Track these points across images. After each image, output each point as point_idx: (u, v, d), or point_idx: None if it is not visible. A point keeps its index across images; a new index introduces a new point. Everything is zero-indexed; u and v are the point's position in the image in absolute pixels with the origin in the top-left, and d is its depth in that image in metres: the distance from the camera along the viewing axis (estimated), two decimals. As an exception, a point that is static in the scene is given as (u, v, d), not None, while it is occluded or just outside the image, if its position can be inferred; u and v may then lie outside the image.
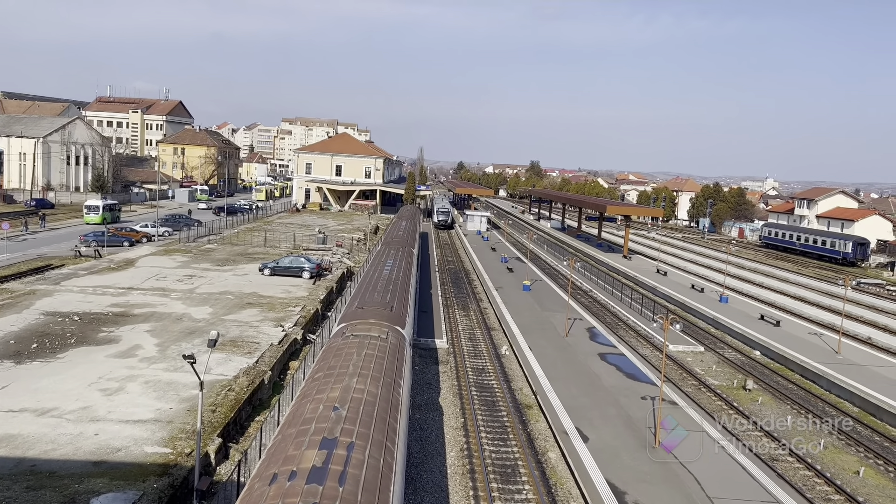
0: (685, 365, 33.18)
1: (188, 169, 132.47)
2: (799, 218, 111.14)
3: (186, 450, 18.98)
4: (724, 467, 20.28)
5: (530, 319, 38.58)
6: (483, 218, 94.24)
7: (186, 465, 18.21)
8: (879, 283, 68.85)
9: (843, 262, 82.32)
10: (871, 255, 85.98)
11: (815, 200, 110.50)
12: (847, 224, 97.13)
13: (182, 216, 75.07)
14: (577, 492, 19.42)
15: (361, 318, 21.01)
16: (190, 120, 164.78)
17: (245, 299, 38.73)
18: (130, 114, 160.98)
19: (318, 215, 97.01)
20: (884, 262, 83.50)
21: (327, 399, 13.47)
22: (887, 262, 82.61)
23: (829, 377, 30.97)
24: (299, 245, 61.33)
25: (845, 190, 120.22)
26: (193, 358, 16.73)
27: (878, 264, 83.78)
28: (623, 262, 68.11)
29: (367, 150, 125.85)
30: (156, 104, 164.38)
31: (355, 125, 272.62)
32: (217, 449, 19.64)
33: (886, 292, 61.78)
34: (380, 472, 11.09)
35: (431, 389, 27.53)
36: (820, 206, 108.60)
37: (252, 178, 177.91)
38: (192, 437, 19.36)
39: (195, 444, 18.40)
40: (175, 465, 18.19)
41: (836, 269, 77.18)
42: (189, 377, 21.65)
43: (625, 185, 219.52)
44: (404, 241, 44.71)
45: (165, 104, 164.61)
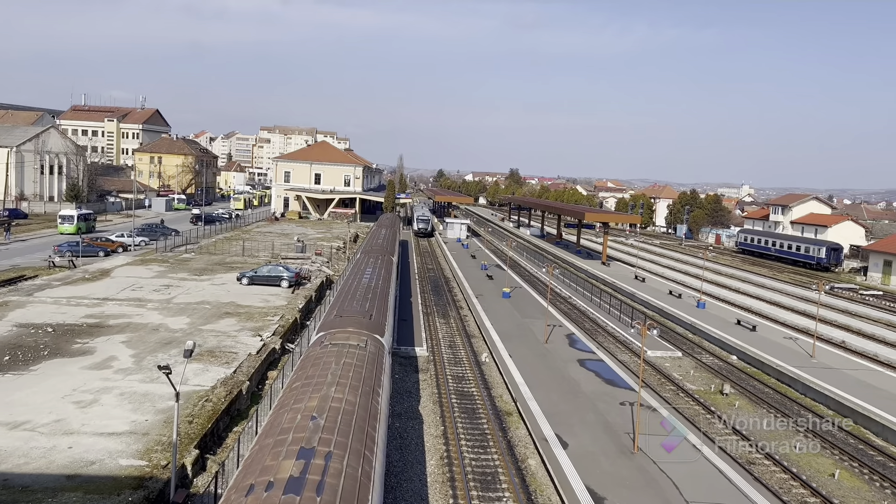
0: (663, 370, 33.43)
1: (165, 178, 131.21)
2: (774, 224, 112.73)
3: (162, 462, 18.72)
4: (701, 471, 20.45)
5: (510, 326, 38.67)
6: (463, 226, 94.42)
7: (162, 477, 17.96)
8: (852, 287, 70.00)
9: (817, 267, 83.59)
10: (845, 260, 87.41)
11: (789, 207, 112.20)
12: (821, 230, 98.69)
13: (158, 225, 74.30)
14: (556, 498, 19.46)
15: (340, 326, 20.93)
16: (167, 128, 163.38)
17: (223, 309, 38.38)
18: (106, 122, 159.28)
19: (297, 224, 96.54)
20: (856, 267, 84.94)
21: (305, 408, 13.40)
22: (860, 266, 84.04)
23: (805, 381, 31.39)
24: (278, 254, 60.96)
25: (819, 196, 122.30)
26: (169, 368, 16.54)
27: (851, 269, 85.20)
28: (602, 268, 68.56)
29: (347, 158, 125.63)
30: (132, 113, 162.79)
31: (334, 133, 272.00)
32: (194, 461, 19.39)
33: (859, 297, 62.81)
34: (358, 481, 11.05)
35: (411, 397, 27.45)
36: (794, 213, 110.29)
37: (230, 186, 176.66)
38: (169, 449, 19.10)
39: (171, 456, 18.15)
40: (150, 478, 17.93)
41: (810, 275, 78.35)
42: (165, 388, 21.39)
43: (603, 193, 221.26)
44: (384, 250, 44.64)
45: (142, 112, 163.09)
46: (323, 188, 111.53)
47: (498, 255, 75.44)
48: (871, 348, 39.50)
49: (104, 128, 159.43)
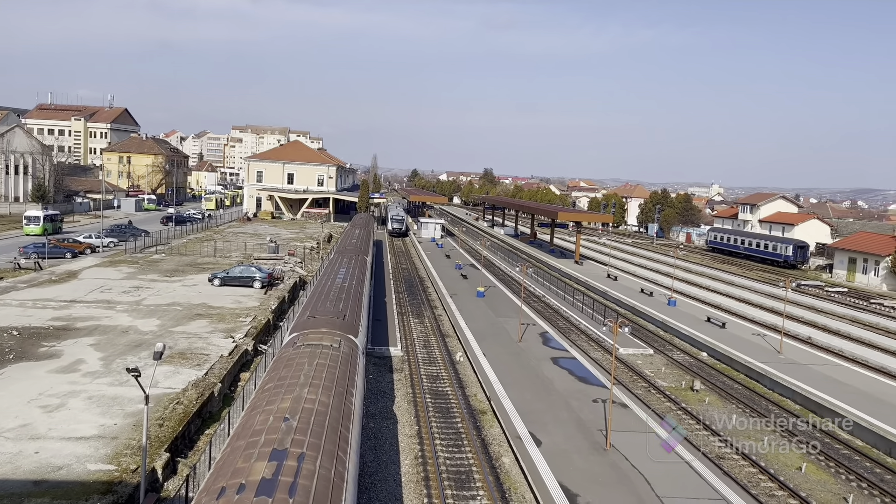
0: (635, 367, 33.82)
1: (135, 178, 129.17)
2: (743, 223, 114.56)
3: (132, 466, 18.45)
4: (672, 467, 20.74)
5: (484, 325, 38.81)
6: (437, 225, 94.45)
7: (132, 482, 17.70)
8: (818, 284, 71.49)
9: (784, 264, 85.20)
10: (811, 258, 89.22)
11: (757, 205, 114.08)
12: (788, 228, 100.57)
13: (127, 226, 73.13)
14: (530, 496, 19.57)
15: (313, 327, 20.81)
16: (136, 128, 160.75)
17: (194, 310, 37.93)
18: (73, 121, 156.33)
19: (269, 224, 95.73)
20: (822, 265, 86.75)
21: (278, 410, 13.30)
22: (825, 264, 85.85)
23: (772, 376, 31.98)
24: (250, 254, 60.41)
25: (786, 195, 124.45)
26: (138, 371, 16.31)
27: (817, 266, 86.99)
28: (575, 267, 69.11)
29: (320, 157, 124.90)
30: (100, 112, 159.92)
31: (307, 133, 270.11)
32: (164, 464, 19.14)
33: (825, 293, 64.17)
34: (331, 482, 11.00)
35: (386, 398, 27.41)
36: (762, 211, 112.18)
37: (202, 186, 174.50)
38: (138, 453, 18.82)
39: (141, 459, 17.90)
40: (120, 483, 17.66)
41: (777, 272, 79.82)
42: (135, 391, 21.07)
43: (576, 192, 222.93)
44: (358, 250, 44.48)
45: (110, 112, 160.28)
46: (296, 188, 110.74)
47: (472, 254, 75.62)
48: (836, 344, 40.38)
49: (71, 127, 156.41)
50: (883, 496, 20.90)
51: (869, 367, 35.32)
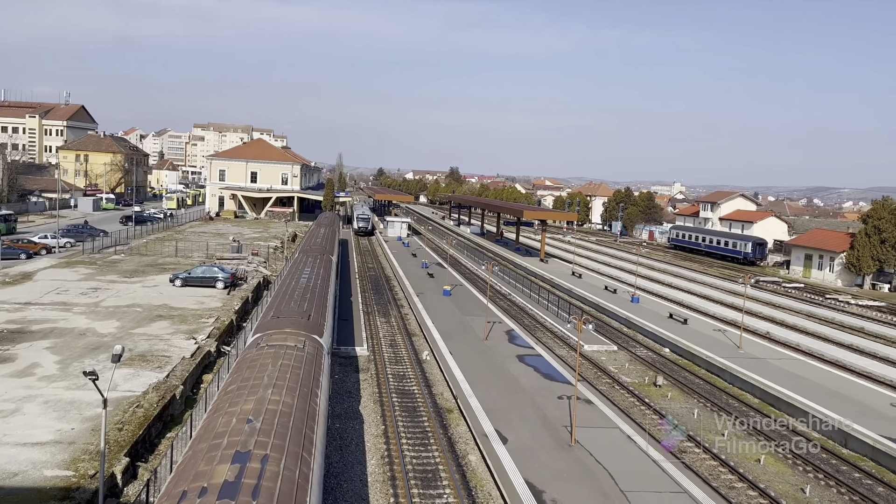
0: (600, 364, 34.22)
1: (92, 177, 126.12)
2: (704, 220, 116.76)
3: (90, 471, 18.03)
4: (636, 461, 21.05)
5: (451, 324, 38.86)
6: (404, 224, 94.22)
7: (90, 487, 17.30)
8: (776, 280, 73.28)
9: (743, 261, 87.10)
10: (769, 255, 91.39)
11: (717, 203, 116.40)
12: (747, 225, 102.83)
13: (84, 226, 71.38)
14: (497, 493, 19.67)
15: (277, 327, 20.60)
16: (93, 125, 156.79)
17: (155, 312, 37.21)
18: (27, 119, 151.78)
19: (232, 223, 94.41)
20: (780, 261, 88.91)
21: (241, 412, 13.13)
22: (783, 260, 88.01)
23: (732, 371, 32.66)
24: (213, 254, 59.48)
25: (745, 193, 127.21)
26: (96, 374, 15.91)
27: (775, 263, 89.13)
28: (540, 265, 69.62)
29: (284, 156, 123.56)
30: (55, 109, 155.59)
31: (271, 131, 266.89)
32: (124, 469, 18.75)
33: (783, 289, 65.79)
34: (295, 483, 10.90)
35: (352, 398, 27.26)
36: (722, 209, 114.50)
37: (162, 185, 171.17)
38: (97, 458, 18.39)
39: (99, 464, 17.49)
40: (78, 489, 17.25)
41: (737, 269, 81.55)
42: (93, 395, 20.58)
43: (541, 191, 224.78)
44: (323, 249, 44.14)
45: (66, 109, 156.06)
46: (259, 187, 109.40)
47: (439, 253, 75.65)
48: (793, 338, 41.42)
49: (26, 124, 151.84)
50: (839, 486, 21.50)
51: (824, 360, 36.30)
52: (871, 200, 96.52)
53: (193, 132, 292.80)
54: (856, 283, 72.60)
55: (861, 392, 30.45)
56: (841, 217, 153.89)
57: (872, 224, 70.76)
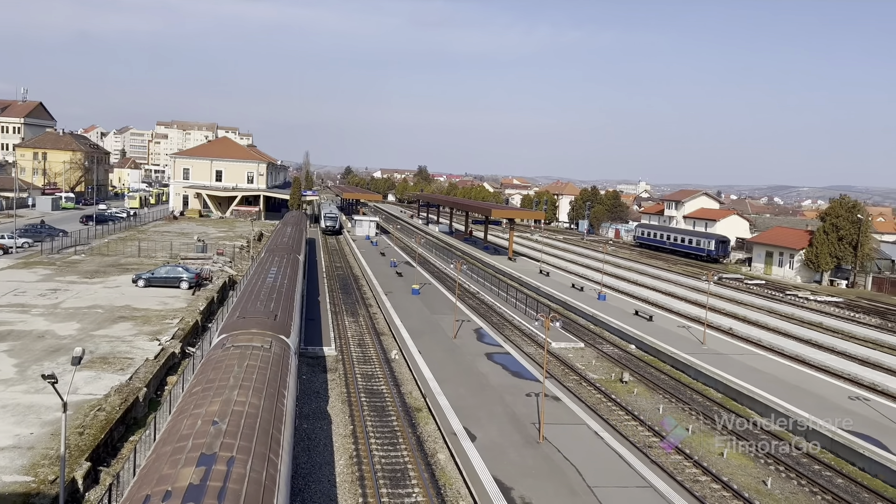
0: (567, 361, 34.52)
1: (51, 175, 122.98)
2: (668, 218, 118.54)
3: (51, 476, 17.59)
4: (603, 457, 21.28)
5: (419, 323, 38.81)
6: (372, 223, 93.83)
7: (50, 493, 16.88)
8: (739, 277, 74.76)
9: (707, 258, 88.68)
10: (732, 252, 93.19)
11: (682, 202, 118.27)
12: (710, 223, 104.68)
13: (43, 225, 69.60)
14: (465, 491, 19.70)
15: (243, 328, 20.34)
16: (52, 122, 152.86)
17: (117, 313, 36.46)
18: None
19: (197, 222, 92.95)
20: (742, 258, 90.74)
21: (206, 413, 12.93)
22: (745, 258, 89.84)
23: (696, 366, 33.23)
24: (177, 254, 58.48)
25: (708, 192, 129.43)
26: (55, 378, 15.53)
27: (738, 260, 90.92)
28: (508, 263, 69.95)
29: (250, 154, 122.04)
30: (12, 105, 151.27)
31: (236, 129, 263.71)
32: (85, 473, 18.32)
33: (745, 286, 67.14)
34: (262, 485, 10.77)
35: (320, 398, 27.06)
36: (686, 207, 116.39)
37: (125, 184, 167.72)
38: (57, 463, 17.95)
39: (60, 470, 17.07)
40: (38, 494, 16.82)
41: (701, 266, 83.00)
42: (52, 399, 20.04)
43: (509, 190, 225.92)
44: (290, 248, 43.73)
45: (23, 105, 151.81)
46: (225, 185, 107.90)
47: (407, 252, 75.51)
48: (755, 334, 42.30)
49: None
50: (799, 479, 22.02)
51: (785, 355, 37.15)
52: (829, 199, 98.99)
53: (156, 130, 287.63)
54: (814, 279, 74.46)
55: (820, 386, 31.24)
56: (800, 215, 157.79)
57: (830, 222, 72.63)
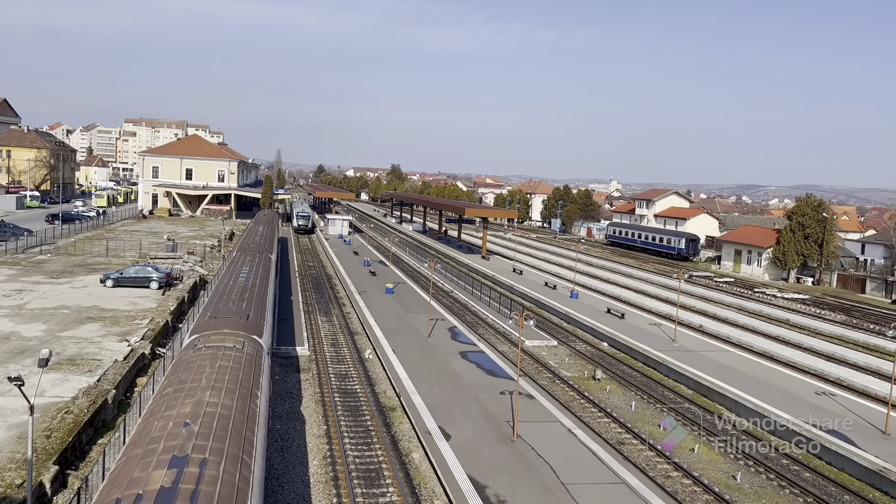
0: (540, 359, 34.73)
1: (15, 173, 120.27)
2: (639, 217, 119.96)
3: (17, 481, 17.21)
4: (576, 454, 21.46)
5: (393, 322, 38.73)
6: (345, 222, 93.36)
7: (17, 497, 16.53)
8: (708, 275, 75.94)
9: (677, 257, 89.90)
10: (701, 251, 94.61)
11: (652, 201, 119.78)
12: (680, 222, 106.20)
13: (9, 224, 68.03)
14: (440, 490, 19.72)
15: (215, 328, 20.11)
16: (16, 119, 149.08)
17: (85, 314, 35.78)
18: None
19: (167, 221, 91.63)
20: (712, 256, 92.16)
21: (177, 415, 12.76)
22: (714, 256, 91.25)
23: (668, 363, 33.67)
24: (146, 253, 57.59)
25: (678, 191, 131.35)
26: (21, 380, 15.19)
27: (707, 258, 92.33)
28: (482, 262, 70.16)
29: (220, 152, 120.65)
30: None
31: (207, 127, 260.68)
32: (53, 477, 17.96)
33: (714, 284, 68.21)
34: (235, 487, 10.67)
35: (293, 398, 26.86)
36: (657, 206, 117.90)
37: (92, 182, 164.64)
38: (23, 467, 17.57)
39: (27, 474, 16.71)
40: (4, 499, 16.46)
41: (672, 264, 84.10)
42: (18, 402, 19.62)
43: (482, 189, 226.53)
44: (262, 247, 43.35)
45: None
46: (195, 184, 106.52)
47: (381, 251, 75.30)
48: (724, 331, 43.01)
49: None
50: (767, 473, 22.44)
51: (753, 351, 37.84)
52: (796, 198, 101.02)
53: (125, 127, 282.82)
54: (782, 277, 75.95)
55: (787, 381, 31.87)
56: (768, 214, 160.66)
57: (797, 220, 74.15)
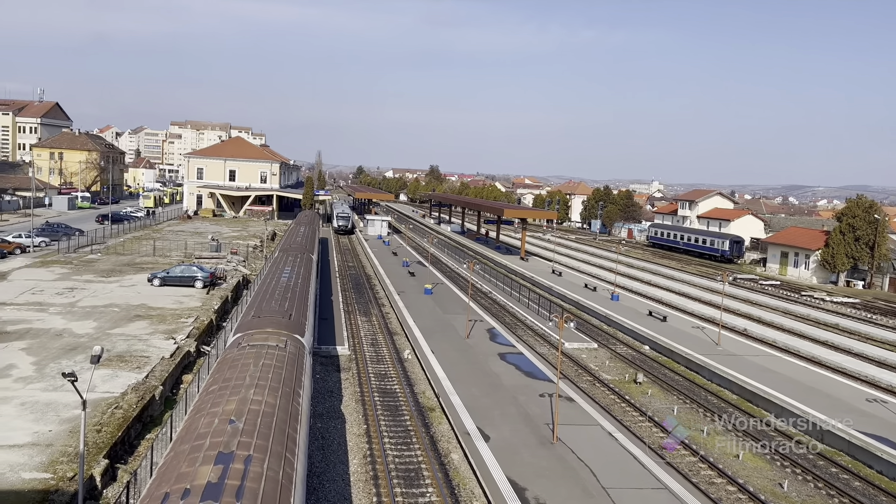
0: (580, 361, 34.43)
1: (67, 175, 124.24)
2: (682, 218, 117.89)
3: (69, 474, 17.78)
4: (617, 458, 21.21)
5: (432, 322, 38.84)
6: (384, 222, 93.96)
7: (69, 489, 17.07)
8: (753, 277, 74.23)
9: (721, 259, 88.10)
10: (746, 253, 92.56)
11: (695, 202, 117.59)
12: (724, 223, 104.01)
13: (61, 225, 70.31)
14: (479, 491, 19.71)
15: (258, 327, 20.47)
16: (68, 123, 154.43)
17: (133, 312, 36.76)
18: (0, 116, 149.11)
19: (211, 222, 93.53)
20: (757, 259, 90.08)
21: (223, 412, 13.03)
22: (760, 258, 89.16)
23: (711, 367, 33.03)
24: (191, 253, 58.89)
25: (722, 192, 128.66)
26: (74, 375, 15.70)
27: (752, 260, 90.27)
28: (520, 263, 69.84)
29: (263, 154, 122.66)
30: (29, 106, 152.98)
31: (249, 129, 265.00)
32: (103, 471, 18.51)
33: (759, 286, 66.65)
34: (279, 484, 10.85)
35: (333, 397, 27.15)
36: (700, 207, 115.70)
37: (139, 183, 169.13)
38: (75, 460, 18.15)
39: (78, 467, 17.26)
40: (56, 491, 17.01)
41: (715, 266, 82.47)
42: (71, 396, 20.31)
43: (521, 189, 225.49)
44: (303, 248, 43.93)
45: (40, 106, 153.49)
46: (238, 185, 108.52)
47: (419, 251, 75.58)
48: (769, 335, 42.00)
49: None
50: (816, 481, 21.85)
51: (800, 356, 36.87)
52: (846, 198, 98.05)
53: (170, 130, 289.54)
54: (830, 280, 73.80)
55: (836, 388, 30.97)
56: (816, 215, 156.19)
57: (847, 222, 71.95)
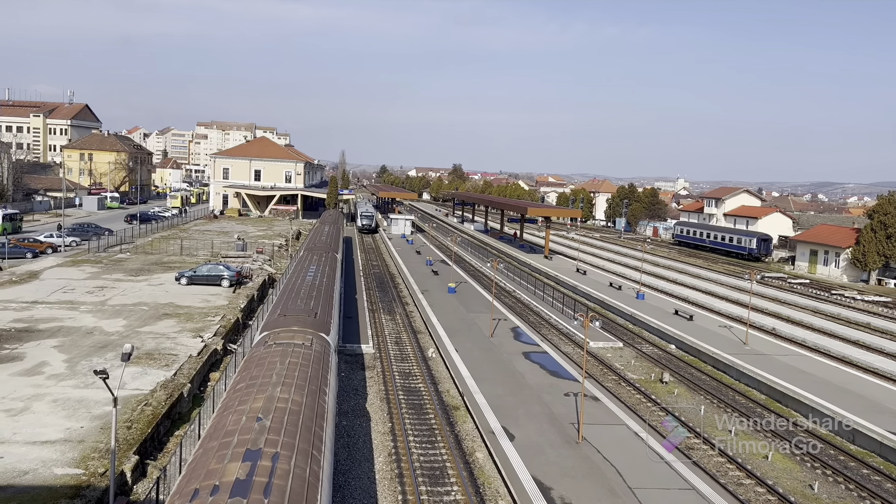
0: (605, 361, 34.20)
1: (97, 175, 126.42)
2: (708, 216, 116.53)
3: (100, 469, 18.10)
4: (643, 458, 21.03)
5: (456, 321, 38.86)
6: (407, 221, 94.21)
7: (100, 485, 17.38)
8: (781, 276, 73.10)
9: (748, 257, 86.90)
10: (774, 251, 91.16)
11: (722, 199, 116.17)
12: (751, 221, 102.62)
13: (91, 224, 71.57)
14: (504, 490, 19.69)
15: (284, 325, 20.62)
16: (97, 124, 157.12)
17: (161, 310, 37.31)
18: (31, 118, 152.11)
19: (236, 221, 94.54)
20: (785, 257, 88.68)
21: (250, 410, 13.16)
22: (788, 256, 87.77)
23: (739, 367, 32.61)
24: (217, 252, 59.59)
25: (749, 189, 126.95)
26: (105, 373, 15.98)
27: (780, 259, 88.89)
28: (544, 262, 69.56)
29: (287, 154, 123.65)
30: (59, 108, 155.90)
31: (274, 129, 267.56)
32: (133, 467, 18.83)
33: (788, 285, 65.61)
34: (306, 481, 10.93)
35: (358, 395, 27.30)
36: (727, 205, 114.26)
37: (166, 184, 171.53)
38: (106, 456, 18.48)
39: (109, 463, 17.57)
40: (88, 486, 17.32)
41: (742, 265, 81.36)
42: (101, 393, 20.68)
43: (544, 188, 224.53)
44: (327, 246, 44.18)
45: (70, 108, 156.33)
46: (263, 185, 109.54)
47: (443, 250, 75.64)
48: (799, 334, 41.34)
49: (30, 123, 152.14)
50: (847, 483, 21.47)
51: (831, 356, 36.23)
52: (877, 195, 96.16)
53: (196, 130, 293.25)
54: (861, 278, 72.40)
55: (868, 388, 30.39)
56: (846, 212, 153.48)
57: (878, 219, 70.49)
